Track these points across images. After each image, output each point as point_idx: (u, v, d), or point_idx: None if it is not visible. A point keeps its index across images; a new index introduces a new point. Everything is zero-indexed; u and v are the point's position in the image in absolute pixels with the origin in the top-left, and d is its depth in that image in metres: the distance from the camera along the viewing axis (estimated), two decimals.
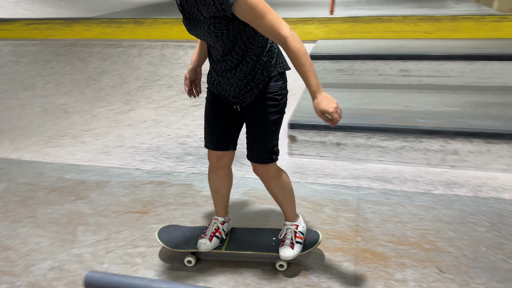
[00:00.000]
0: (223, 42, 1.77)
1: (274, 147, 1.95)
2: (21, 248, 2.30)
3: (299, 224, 2.14)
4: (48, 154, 3.52)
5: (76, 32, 5.85)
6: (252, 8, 1.62)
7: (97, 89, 4.68)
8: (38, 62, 5.20)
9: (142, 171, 3.19)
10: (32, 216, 2.60)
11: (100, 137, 3.79)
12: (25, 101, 4.57)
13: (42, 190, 2.94)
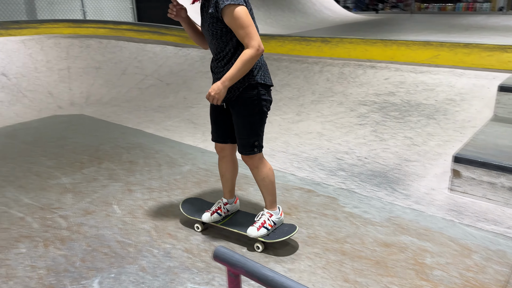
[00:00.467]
0: (217, 41, 2.23)
1: (254, 142, 2.38)
2: (188, 220, 2.83)
3: (274, 214, 2.52)
4: None
5: (271, 47, 6.60)
6: (236, 18, 2.08)
7: (277, 99, 5.20)
8: None
9: (296, 177, 3.44)
10: (201, 196, 3.14)
11: (270, 141, 4.23)
12: None
13: (214, 177, 3.50)
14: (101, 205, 3.08)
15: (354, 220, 2.76)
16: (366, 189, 3.18)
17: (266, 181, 2.47)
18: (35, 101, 5.85)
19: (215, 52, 2.30)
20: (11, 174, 3.64)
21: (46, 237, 2.67)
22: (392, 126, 4.09)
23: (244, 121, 2.35)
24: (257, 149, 2.40)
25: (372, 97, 4.67)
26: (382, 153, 3.73)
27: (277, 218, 2.52)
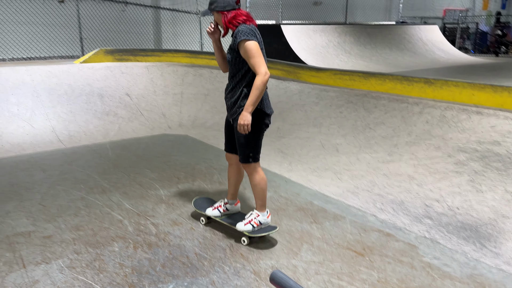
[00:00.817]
0: (231, 66, 2.87)
1: (249, 154, 2.89)
2: (259, 243, 2.95)
3: (261, 215, 2.99)
4: (309, 181, 4.20)
5: (371, 84, 6.55)
6: (248, 50, 2.70)
7: (370, 137, 5.13)
8: (331, 106, 6.15)
9: (376, 219, 3.36)
10: (278, 224, 3.24)
11: (356, 178, 4.19)
12: (311, 135, 5.53)
13: (293, 207, 3.58)
14: (188, 219, 3.36)
15: (431, 271, 2.59)
16: (451, 241, 2.96)
17: (258, 187, 2.97)
18: (150, 120, 6.60)
19: (230, 75, 2.93)
20: (119, 181, 4.17)
21: (137, 240, 3.01)
22: (492, 178, 3.75)
23: (240, 136, 2.88)
24: (252, 160, 2.93)
25: (473, 145, 4.35)
26: (476, 205, 3.44)
27: (263, 219, 2.99)
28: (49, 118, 5.94)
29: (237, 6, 2.85)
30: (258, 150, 2.94)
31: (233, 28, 2.81)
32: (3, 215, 3.41)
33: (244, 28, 2.74)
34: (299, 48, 10.85)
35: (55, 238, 3.05)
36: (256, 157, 2.93)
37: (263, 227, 2.98)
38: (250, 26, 2.78)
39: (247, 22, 2.81)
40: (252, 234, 2.92)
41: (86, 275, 2.60)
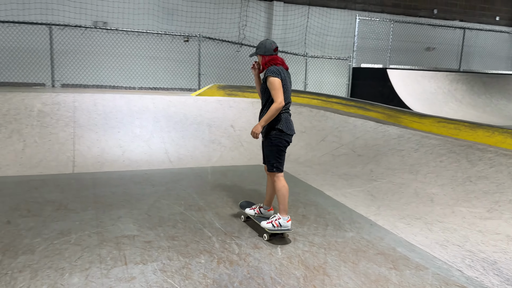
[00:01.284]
0: (262, 95, 3.79)
1: (274, 164, 3.71)
2: (333, 279, 3.01)
3: (282, 218, 3.65)
4: (396, 227, 4.12)
5: (477, 135, 6.17)
6: (269, 84, 3.59)
7: (469, 190, 4.83)
8: (432, 154, 5.93)
9: (462, 274, 3.18)
10: (355, 264, 3.26)
11: (447, 231, 3.99)
12: (405, 181, 5.39)
13: (374, 250, 3.57)
14: (268, 245, 3.57)
15: None
16: None
17: (279, 192, 3.68)
18: (248, 151, 7.08)
19: (262, 102, 3.82)
20: (213, 202, 4.59)
21: (221, 257, 3.31)
22: None
23: (268, 150, 3.76)
24: (276, 169, 3.71)
25: None
26: None
27: (283, 222, 3.64)
28: (164, 141, 6.76)
29: (274, 53, 3.75)
30: (281, 163, 3.74)
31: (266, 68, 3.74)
32: (115, 219, 4.01)
33: (272, 68, 3.65)
34: (404, 93, 10.64)
35: (153, 244, 3.50)
36: (279, 168, 3.72)
37: (282, 229, 3.63)
38: (278, 68, 3.66)
39: (278, 65, 3.69)
40: (271, 231, 3.62)
41: (174, 279, 2.95)
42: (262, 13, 13.39)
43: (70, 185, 4.98)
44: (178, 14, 12.21)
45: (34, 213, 4.06)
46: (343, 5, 14.64)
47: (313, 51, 13.82)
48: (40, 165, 5.70)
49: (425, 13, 16.03)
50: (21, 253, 3.23)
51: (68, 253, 3.26)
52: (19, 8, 10.47)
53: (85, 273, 2.98)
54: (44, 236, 3.54)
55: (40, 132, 6.28)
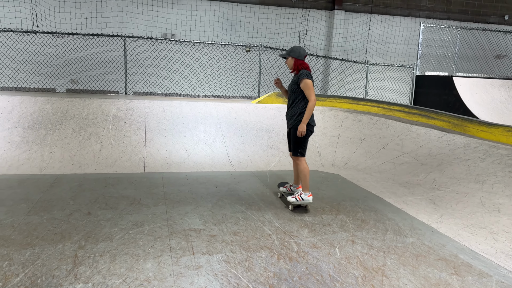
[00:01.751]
0: (292, 93, 4.58)
1: (298, 150, 4.55)
2: (392, 280, 3.04)
3: (303, 194, 4.52)
4: (459, 235, 4.02)
5: None
6: (305, 85, 4.40)
7: None
8: (500, 164, 5.67)
9: None
10: (415, 268, 3.26)
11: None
12: (470, 191, 5.20)
13: (435, 256, 3.53)
14: (327, 245, 3.66)
15: None
16: None
17: (302, 174, 4.56)
18: (306, 157, 7.18)
19: (291, 100, 4.63)
20: (272, 204, 4.76)
21: (280, 253, 3.46)
22: None
23: (294, 138, 4.56)
24: (300, 154, 4.58)
25: None
26: None
27: (305, 197, 4.52)
28: (226, 146, 7.07)
29: (304, 58, 4.60)
30: (305, 149, 4.58)
31: (298, 70, 4.57)
32: (183, 214, 4.31)
33: (306, 72, 4.50)
34: (472, 102, 10.17)
35: (218, 237, 3.73)
36: (303, 153, 4.58)
37: (304, 202, 4.52)
38: (308, 71, 4.52)
39: (308, 69, 4.55)
40: (294, 204, 4.54)
41: (237, 270, 3.14)
42: (322, 22, 13.50)
43: (142, 183, 5.41)
44: (241, 25, 12.68)
45: (111, 206, 4.48)
46: (407, 13, 14.32)
47: (375, 58, 13.64)
48: (115, 164, 6.23)
49: (495, 19, 15.21)
50: (101, 240, 3.60)
51: (142, 242, 3.58)
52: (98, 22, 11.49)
53: (157, 260, 3.27)
54: (121, 227, 3.91)
55: (115, 135, 6.85)
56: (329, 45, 13.58)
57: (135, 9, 11.82)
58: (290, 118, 4.63)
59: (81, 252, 3.34)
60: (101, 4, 11.66)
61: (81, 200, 4.61)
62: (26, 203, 4.45)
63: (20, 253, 3.29)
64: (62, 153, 6.30)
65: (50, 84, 11.36)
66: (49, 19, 11.26)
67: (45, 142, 6.43)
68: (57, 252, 3.33)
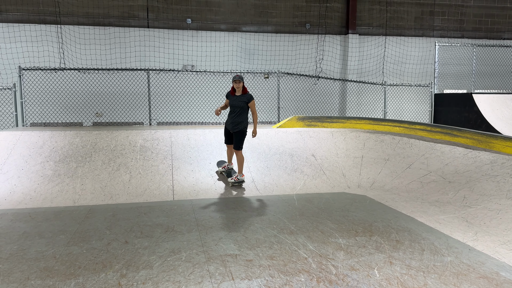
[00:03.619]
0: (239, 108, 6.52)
1: (241, 145, 6.58)
2: None
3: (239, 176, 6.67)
4: (497, 252, 3.97)
5: None
6: (253, 104, 6.59)
7: None
8: None
9: None
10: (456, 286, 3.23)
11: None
12: (503, 207, 5.14)
13: (476, 274, 3.49)
14: (365, 267, 3.66)
15: None
16: None
17: (241, 161, 6.58)
18: (331, 179, 7.21)
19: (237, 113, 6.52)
20: (304, 227, 4.78)
21: (319, 276, 3.47)
22: None
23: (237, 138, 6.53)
24: (240, 148, 6.51)
25: None
26: None
27: (241, 178, 6.63)
28: (250, 171, 7.16)
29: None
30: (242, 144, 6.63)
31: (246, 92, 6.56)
32: (217, 240, 4.37)
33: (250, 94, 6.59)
34: (493, 118, 10.10)
35: (254, 262, 3.77)
36: (242, 147, 6.58)
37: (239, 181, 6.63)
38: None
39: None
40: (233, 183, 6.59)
41: None
42: (337, 46, 13.74)
43: (173, 211, 5.51)
44: (258, 53, 13.00)
45: (147, 234, 4.57)
46: (420, 33, 14.47)
47: (392, 79, 13.73)
48: (145, 193, 6.36)
49: (510, 35, 15.22)
50: (141, 268, 3.67)
51: (181, 269, 3.64)
52: (122, 57, 11.94)
53: (199, 286, 3.32)
54: (159, 254, 3.99)
55: (143, 164, 7.02)
56: (345, 68, 13.76)
57: (156, 43, 12.27)
58: (235, 124, 6.49)
59: (124, 281, 3.42)
60: (124, 40, 12.15)
61: (117, 230, 4.71)
62: (64, 234, 4.58)
63: (65, 283, 3.38)
64: (93, 184, 6.47)
65: (77, 118, 11.76)
66: (75, 56, 11.76)
67: (76, 175, 6.63)
68: (100, 281, 3.41)
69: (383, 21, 14.08)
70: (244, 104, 6.45)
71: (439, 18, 14.62)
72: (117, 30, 12.14)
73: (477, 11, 14.96)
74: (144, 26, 12.42)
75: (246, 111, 6.51)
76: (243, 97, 6.49)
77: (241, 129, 6.50)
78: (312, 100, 12.85)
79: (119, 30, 12.15)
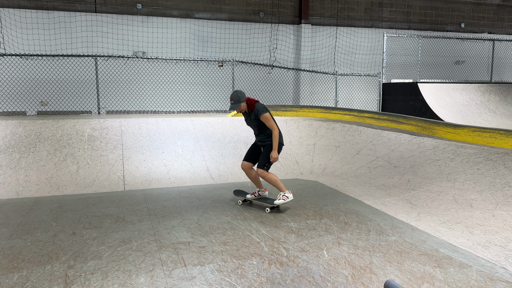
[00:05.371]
0: (257, 128, 5.09)
1: (266, 164, 4.99)
2: (380, 276, 3.18)
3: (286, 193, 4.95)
4: (437, 231, 4.23)
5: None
6: (265, 118, 4.93)
7: (509, 195, 4.87)
8: (468, 162, 6.00)
9: (506, 271, 3.27)
10: (400, 264, 3.41)
11: (489, 234, 4.07)
12: (443, 189, 5.48)
13: (417, 251, 3.70)
14: (314, 248, 3.78)
15: None
16: None
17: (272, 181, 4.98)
18: (285, 166, 7.33)
19: (257, 132, 5.18)
20: (257, 213, 4.84)
21: (271, 259, 3.54)
22: None
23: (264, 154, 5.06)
24: (266, 168, 5.00)
25: None
26: None
27: (288, 194, 4.98)
28: (205, 159, 7.12)
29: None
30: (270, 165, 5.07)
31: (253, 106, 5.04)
32: (169, 228, 4.33)
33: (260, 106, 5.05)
34: (437, 106, 10.67)
35: (207, 248, 3.78)
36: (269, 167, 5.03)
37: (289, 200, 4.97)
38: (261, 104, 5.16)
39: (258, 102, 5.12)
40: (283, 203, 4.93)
41: (231, 278, 3.20)
42: (291, 35, 13.87)
43: (124, 201, 5.38)
44: (212, 41, 12.85)
45: (96, 225, 4.44)
46: (370, 24, 14.92)
47: (343, 69, 14.09)
48: (94, 184, 6.15)
49: (453, 27, 16.07)
50: (90, 259, 3.57)
51: (132, 258, 3.58)
52: (68, 43, 11.36)
53: (150, 274, 3.28)
54: (108, 244, 3.89)
55: (92, 154, 6.78)
56: (298, 58, 13.94)
57: (105, 29, 11.77)
58: (262, 141, 5.13)
59: (71, 272, 3.31)
60: (70, 25, 11.56)
61: (64, 221, 4.54)
62: (6, 227, 4.35)
63: (7, 277, 3.22)
64: (38, 175, 6.17)
65: (20, 107, 11.09)
66: (17, 41, 11.04)
67: (20, 166, 6.29)
68: (46, 273, 3.28)
69: (335, 11, 14.37)
70: (257, 123, 5.05)
71: (388, 9, 15.14)
72: (62, 14, 11.52)
73: (422, 4, 15.63)
74: (92, 10, 11.88)
75: (265, 128, 5.05)
76: (252, 114, 5.05)
77: (268, 145, 5.06)
78: (266, 89, 12.94)
79: (64, 15, 11.54)
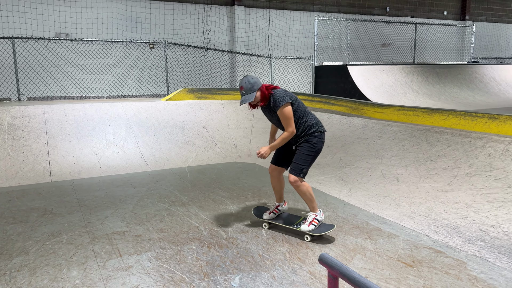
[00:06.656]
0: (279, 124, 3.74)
1: (304, 169, 3.64)
2: (315, 251, 3.30)
3: (318, 215, 3.66)
4: (367, 205, 4.48)
5: (434, 120, 6.69)
6: (282, 113, 3.57)
7: (430, 168, 5.28)
8: (394, 139, 6.39)
9: (429, 238, 3.55)
10: (334, 238, 3.57)
11: (413, 205, 4.39)
12: (372, 166, 5.80)
13: (349, 225, 3.89)
14: (253, 228, 3.82)
15: (476, 282, 2.76)
16: (501, 260, 3.08)
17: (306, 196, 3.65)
18: (223, 150, 7.30)
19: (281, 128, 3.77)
20: (196, 198, 4.79)
21: (210, 242, 3.53)
22: None
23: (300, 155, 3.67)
24: (303, 174, 3.66)
25: None
26: None
27: (321, 218, 3.67)
28: (139, 146, 6.87)
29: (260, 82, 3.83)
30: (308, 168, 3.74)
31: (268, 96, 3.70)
32: (102, 219, 4.14)
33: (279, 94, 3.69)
34: (365, 87, 11.20)
35: (144, 237, 3.67)
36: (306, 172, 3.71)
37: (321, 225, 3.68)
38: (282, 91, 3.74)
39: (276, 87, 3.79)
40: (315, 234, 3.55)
41: (169, 264, 3.14)
42: (224, 17, 13.68)
43: (51, 193, 5.04)
44: (142, 21, 12.29)
45: (20, 219, 4.12)
46: (301, 7, 15.16)
47: (277, 52, 14.23)
48: (17, 176, 5.69)
49: (379, 11, 16.83)
50: (15, 255, 3.31)
51: (62, 251, 3.38)
52: None
53: (83, 266, 3.12)
54: (35, 239, 3.63)
55: (13, 145, 6.25)
56: (233, 40, 13.83)
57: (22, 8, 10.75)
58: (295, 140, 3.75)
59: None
60: None
61: None
62: None
63: None
64: None
65: None
66: None
67: None
68: None
69: None
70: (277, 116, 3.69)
71: None
72: None
73: None
74: None
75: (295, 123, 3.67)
76: (268, 107, 3.73)
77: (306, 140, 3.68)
78: (201, 72, 12.71)
79: None
